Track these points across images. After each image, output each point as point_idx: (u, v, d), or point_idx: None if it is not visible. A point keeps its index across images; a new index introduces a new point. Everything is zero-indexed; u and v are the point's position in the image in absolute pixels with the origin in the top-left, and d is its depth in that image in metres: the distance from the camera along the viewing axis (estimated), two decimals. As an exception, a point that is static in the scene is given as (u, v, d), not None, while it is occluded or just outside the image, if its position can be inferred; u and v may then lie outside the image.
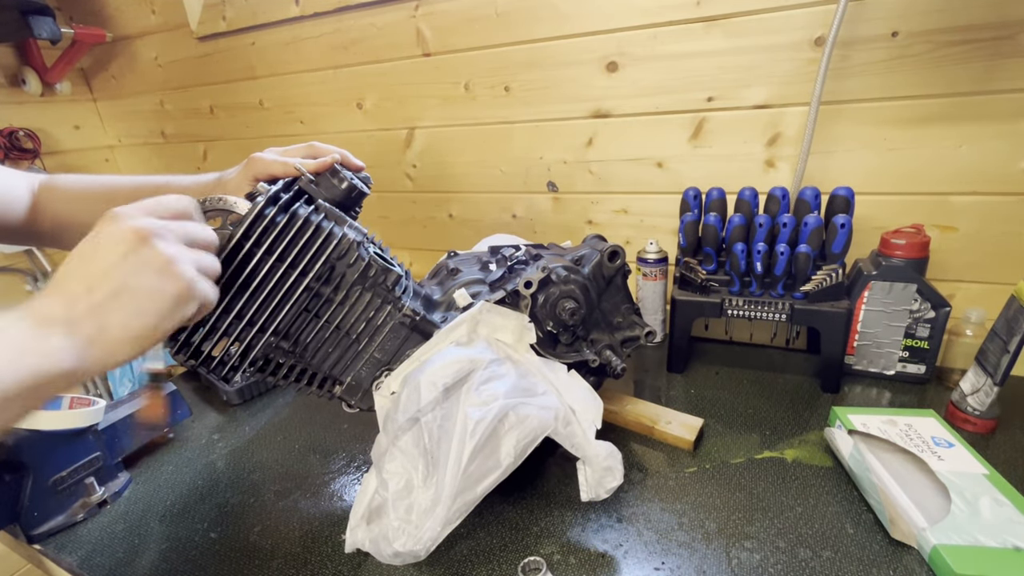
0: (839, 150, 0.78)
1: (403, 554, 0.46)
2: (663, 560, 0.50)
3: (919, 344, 0.72)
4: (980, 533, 0.47)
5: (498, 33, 0.93)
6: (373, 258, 0.53)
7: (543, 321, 0.59)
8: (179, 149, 1.45)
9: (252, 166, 0.56)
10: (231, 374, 0.50)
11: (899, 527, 0.50)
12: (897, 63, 0.71)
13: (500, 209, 1.07)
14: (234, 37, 1.19)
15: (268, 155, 0.56)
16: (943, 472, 0.53)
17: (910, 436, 0.58)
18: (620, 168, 0.93)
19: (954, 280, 0.78)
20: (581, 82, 0.90)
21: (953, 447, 0.57)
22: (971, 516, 0.49)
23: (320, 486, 0.65)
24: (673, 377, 0.82)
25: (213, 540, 0.58)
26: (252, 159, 0.56)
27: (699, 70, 0.82)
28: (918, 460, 0.55)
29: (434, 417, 0.49)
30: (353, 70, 1.09)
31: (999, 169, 0.71)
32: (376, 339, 0.55)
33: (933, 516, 0.49)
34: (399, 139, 1.11)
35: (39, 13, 1.14)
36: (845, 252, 0.70)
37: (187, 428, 0.79)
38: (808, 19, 0.74)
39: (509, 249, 0.68)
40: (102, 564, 0.56)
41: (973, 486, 0.52)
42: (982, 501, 0.50)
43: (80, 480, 0.62)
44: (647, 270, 0.88)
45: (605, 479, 0.51)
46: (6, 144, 1.30)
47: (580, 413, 0.54)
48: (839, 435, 0.61)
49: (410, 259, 1.23)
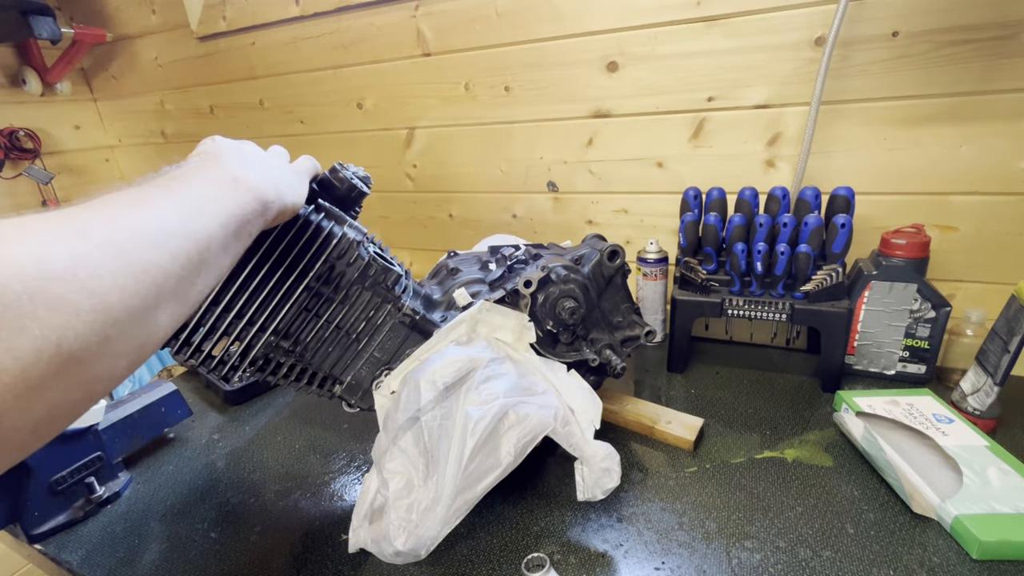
0: (839, 150, 0.78)
1: (404, 553, 0.46)
2: (663, 560, 0.50)
3: (919, 344, 0.72)
4: (994, 501, 0.50)
5: (498, 33, 0.93)
6: (373, 257, 0.53)
7: (543, 320, 0.59)
8: (179, 149, 1.45)
9: None
10: (231, 373, 0.50)
11: (918, 501, 0.52)
12: (897, 63, 0.71)
13: (500, 209, 1.07)
14: (234, 37, 1.19)
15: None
16: (950, 447, 0.56)
17: (913, 415, 0.61)
18: (620, 168, 0.93)
19: (954, 280, 0.78)
20: (581, 82, 0.90)
21: (953, 423, 0.60)
22: (983, 486, 0.51)
23: (320, 486, 0.65)
24: (673, 377, 0.82)
25: (213, 540, 0.58)
26: None
27: (699, 70, 0.82)
28: (925, 437, 0.58)
29: (434, 416, 0.49)
30: (353, 70, 1.09)
31: (999, 169, 0.71)
32: (376, 338, 0.55)
33: (948, 489, 0.52)
34: (399, 139, 1.11)
35: (39, 13, 1.14)
36: (845, 252, 0.70)
37: (187, 428, 0.79)
38: (808, 19, 0.74)
39: (509, 249, 0.68)
40: (102, 564, 0.56)
41: (979, 458, 0.54)
42: (990, 471, 0.53)
43: (80, 480, 0.62)
44: (647, 270, 0.88)
45: (602, 480, 0.51)
46: (6, 144, 1.30)
47: (579, 413, 0.54)
48: (849, 418, 0.63)
49: (410, 259, 1.23)
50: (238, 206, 0.34)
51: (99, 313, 0.23)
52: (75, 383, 0.23)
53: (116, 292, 0.24)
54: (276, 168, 0.42)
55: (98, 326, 0.23)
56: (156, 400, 0.72)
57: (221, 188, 0.34)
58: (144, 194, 0.29)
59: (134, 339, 0.26)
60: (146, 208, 0.28)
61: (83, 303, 0.23)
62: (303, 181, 0.46)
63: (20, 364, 0.21)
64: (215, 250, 0.32)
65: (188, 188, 0.32)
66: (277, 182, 0.40)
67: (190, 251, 0.29)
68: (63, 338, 0.22)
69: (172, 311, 0.29)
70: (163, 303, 0.27)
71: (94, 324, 0.23)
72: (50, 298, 0.22)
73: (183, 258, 0.29)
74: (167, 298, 0.28)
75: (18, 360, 0.20)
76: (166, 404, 0.73)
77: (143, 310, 0.26)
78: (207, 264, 0.31)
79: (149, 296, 0.26)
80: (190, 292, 0.30)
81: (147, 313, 0.26)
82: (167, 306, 0.28)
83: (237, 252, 0.35)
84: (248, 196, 0.36)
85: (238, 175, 0.36)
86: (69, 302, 0.22)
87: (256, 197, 0.36)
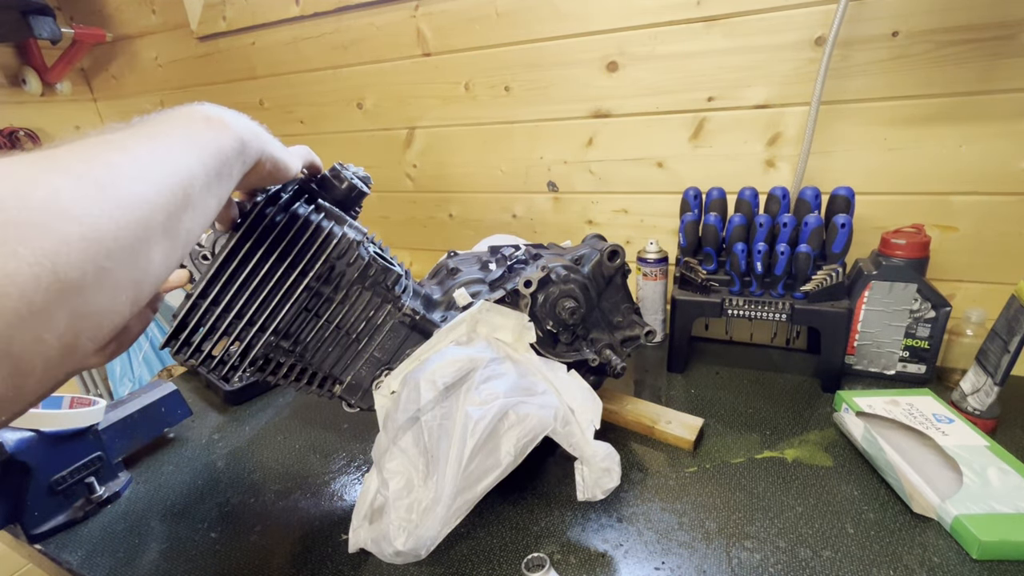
0: (839, 150, 0.78)
1: (404, 553, 0.46)
2: (663, 560, 0.50)
3: (919, 344, 0.72)
4: (994, 501, 0.50)
5: (498, 33, 0.93)
6: (373, 257, 0.53)
7: (543, 320, 0.59)
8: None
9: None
10: (231, 373, 0.50)
11: (918, 501, 0.52)
12: (897, 63, 0.71)
13: (500, 209, 1.07)
14: (234, 37, 1.19)
15: None
16: (950, 447, 0.56)
17: (913, 415, 0.61)
18: (620, 168, 0.93)
19: (954, 280, 0.78)
20: (581, 82, 0.90)
21: (953, 422, 0.60)
22: (983, 486, 0.51)
23: (320, 486, 0.65)
24: (673, 377, 0.82)
25: (213, 540, 0.58)
26: None
27: (699, 70, 0.82)
28: (925, 437, 0.58)
29: (434, 416, 0.49)
30: (353, 70, 1.09)
31: (999, 169, 0.71)
32: (376, 338, 0.55)
33: (948, 489, 0.52)
34: (399, 139, 1.11)
35: (39, 13, 1.14)
36: (845, 252, 0.70)
37: (187, 428, 0.79)
38: (808, 19, 0.74)
39: (509, 249, 0.68)
40: (103, 564, 0.56)
41: (979, 458, 0.54)
42: (989, 471, 0.53)
43: (81, 480, 0.62)
44: (647, 270, 0.88)
45: (602, 480, 0.51)
46: (6, 144, 1.30)
47: (579, 413, 0.54)
48: (849, 418, 0.63)
49: (410, 259, 1.23)
50: (215, 142, 0.34)
51: (90, 242, 0.24)
52: (80, 313, 0.24)
53: (104, 221, 0.25)
54: (257, 126, 0.41)
55: (91, 254, 0.24)
56: (156, 400, 0.72)
57: (194, 126, 0.34)
58: (114, 135, 0.30)
59: (130, 272, 0.27)
60: (120, 145, 0.29)
61: (71, 231, 0.23)
62: (292, 154, 0.45)
63: (19, 288, 0.21)
64: (198, 188, 0.32)
65: (159, 129, 0.32)
66: (257, 132, 0.39)
67: (172, 185, 0.30)
68: (57, 264, 0.22)
69: (164, 248, 0.29)
70: (153, 237, 0.28)
71: (87, 252, 0.24)
72: (36, 225, 0.22)
73: (167, 192, 0.29)
74: (156, 232, 0.28)
75: (16, 284, 0.21)
76: (166, 404, 0.73)
77: (134, 242, 0.27)
78: (191, 201, 0.31)
79: (138, 229, 0.27)
80: (178, 229, 0.30)
81: (139, 246, 0.27)
82: (158, 241, 0.28)
83: (221, 194, 0.35)
84: (225, 133, 0.35)
85: (210, 114, 0.36)
86: (56, 229, 0.23)
87: (232, 135, 0.36)
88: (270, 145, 0.41)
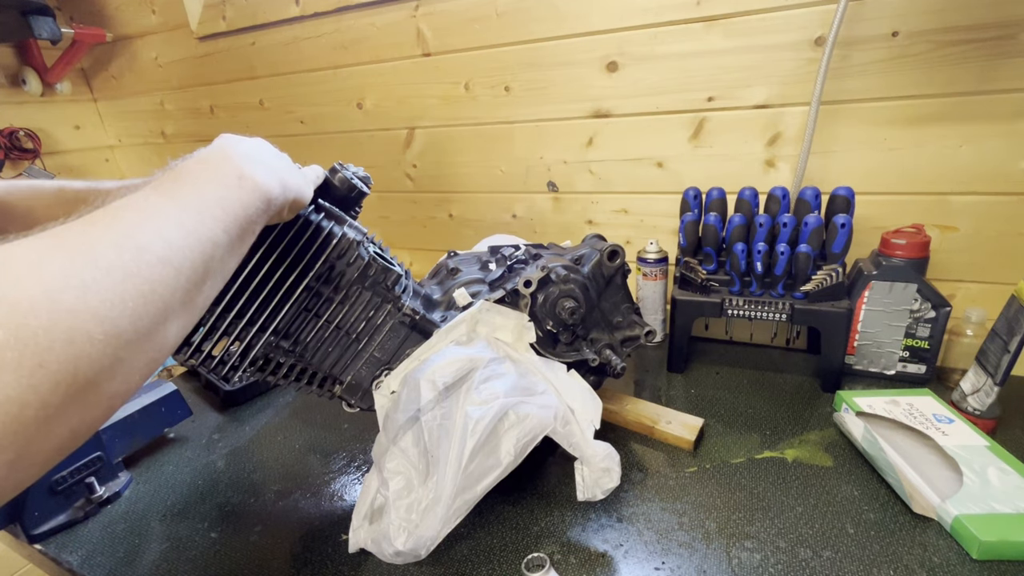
0: (839, 150, 0.78)
1: (404, 553, 0.46)
2: (663, 560, 0.50)
3: (919, 344, 0.72)
4: (994, 501, 0.50)
5: (498, 33, 0.93)
6: (373, 257, 0.53)
7: (543, 320, 0.59)
8: (179, 149, 1.44)
9: None
10: (231, 373, 0.50)
11: (918, 501, 0.52)
12: (897, 63, 0.71)
13: (500, 209, 1.07)
14: (234, 37, 1.19)
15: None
16: (950, 447, 0.56)
17: (913, 415, 0.61)
18: (620, 168, 0.93)
19: (954, 280, 0.78)
20: (581, 82, 0.90)
21: (953, 422, 0.60)
22: (983, 486, 0.51)
23: (320, 486, 0.65)
24: (673, 377, 0.82)
25: (213, 540, 0.58)
26: None
27: (699, 70, 0.82)
28: (925, 437, 0.58)
29: (434, 416, 0.49)
30: (353, 70, 1.09)
31: (999, 169, 0.71)
32: (376, 338, 0.55)
33: (948, 489, 0.52)
34: (399, 139, 1.11)
35: (39, 13, 1.14)
36: (845, 252, 0.70)
37: (187, 428, 0.79)
38: (808, 19, 0.74)
39: (509, 249, 0.68)
40: (103, 564, 0.56)
41: (979, 458, 0.54)
42: (989, 471, 0.53)
43: (81, 480, 0.62)
44: (647, 270, 0.88)
45: (602, 480, 0.51)
46: (6, 144, 1.30)
47: (579, 413, 0.54)
48: (849, 418, 0.63)
49: (410, 259, 1.23)
50: (242, 207, 0.34)
51: (111, 338, 0.24)
52: (92, 404, 0.24)
53: (127, 316, 0.25)
54: (284, 168, 0.42)
55: (111, 350, 0.24)
56: (156, 400, 0.72)
57: (226, 187, 0.34)
58: (148, 203, 0.29)
59: (146, 355, 0.27)
60: (151, 221, 0.29)
61: (95, 331, 0.23)
62: (309, 184, 0.46)
63: (40, 398, 0.21)
64: (220, 256, 0.32)
65: (192, 191, 0.32)
66: (283, 179, 0.40)
67: (195, 262, 0.29)
68: (79, 367, 0.22)
69: (180, 322, 0.29)
70: (171, 317, 0.28)
71: (106, 348, 0.24)
72: (64, 330, 0.22)
73: (188, 270, 0.29)
74: (175, 311, 0.28)
75: (39, 394, 0.21)
76: (166, 404, 0.73)
77: (153, 328, 0.27)
78: (212, 272, 0.31)
79: (158, 314, 0.27)
80: (197, 300, 0.30)
81: (157, 330, 0.27)
82: (175, 319, 0.28)
83: (241, 253, 0.36)
84: (254, 195, 0.36)
85: (244, 172, 0.36)
86: (82, 332, 0.23)
87: (261, 196, 0.36)
88: (292, 191, 0.41)
